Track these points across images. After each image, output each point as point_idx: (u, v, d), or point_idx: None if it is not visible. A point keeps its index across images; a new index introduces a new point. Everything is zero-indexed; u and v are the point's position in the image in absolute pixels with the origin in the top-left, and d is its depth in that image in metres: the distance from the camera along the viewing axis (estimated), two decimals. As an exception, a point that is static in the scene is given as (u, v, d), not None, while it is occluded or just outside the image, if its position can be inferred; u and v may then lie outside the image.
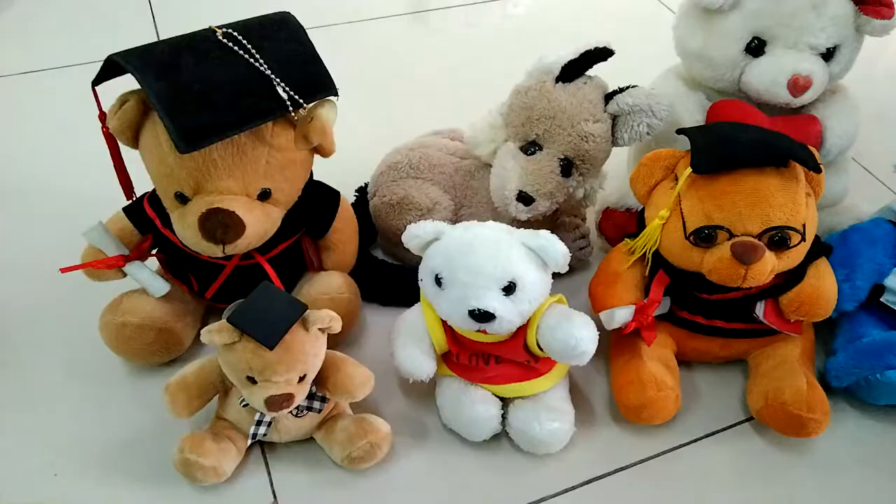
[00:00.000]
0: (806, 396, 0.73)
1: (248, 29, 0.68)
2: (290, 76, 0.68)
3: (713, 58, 0.84)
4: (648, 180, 0.76)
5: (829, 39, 0.81)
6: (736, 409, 0.81)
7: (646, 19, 1.50)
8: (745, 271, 0.68)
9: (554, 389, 0.75)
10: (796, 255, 0.72)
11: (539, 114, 0.80)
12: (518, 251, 0.67)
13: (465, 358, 0.73)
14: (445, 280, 0.67)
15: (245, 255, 0.76)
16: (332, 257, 0.82)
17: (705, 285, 0.73)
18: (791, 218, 0.69)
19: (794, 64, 0.80)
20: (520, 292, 0.67)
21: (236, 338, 0.63)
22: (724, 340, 0.80)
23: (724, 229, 0.69)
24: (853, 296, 0.79)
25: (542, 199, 0.81)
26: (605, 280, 0.79)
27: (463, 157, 0.90)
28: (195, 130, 0.62)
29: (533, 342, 0.70)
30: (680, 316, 0.79)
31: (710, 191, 0.70)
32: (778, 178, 0.69)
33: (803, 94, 0.81)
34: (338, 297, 0.78)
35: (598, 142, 0.81)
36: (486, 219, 0.87)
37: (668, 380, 0.74)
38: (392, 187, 0.88)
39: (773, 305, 0.76)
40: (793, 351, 0.78)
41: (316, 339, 0.65)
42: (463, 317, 0.67)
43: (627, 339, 0.79)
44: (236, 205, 0.67)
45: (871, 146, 1.17)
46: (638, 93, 0.80)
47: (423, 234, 0.70)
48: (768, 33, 0.81)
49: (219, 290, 0.79)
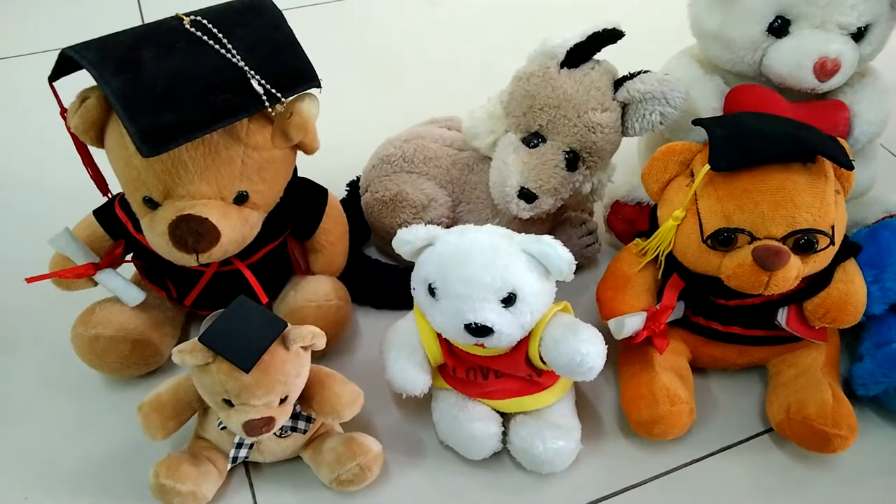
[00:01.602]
0: (831, 410, 0.67)
1: (219, 16, 0.61)
2: (267, 67, 0.61)
3: (732, 39, 0.77)
4: (662, 176, 0.70)
5: (860, 18, 0.74)
6: (754, 420, 0.76)
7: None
8: (768, 278, 0.62)
9: (558, 404, 0.70)
10: (824, 258, 0.65)
11: (542, 102, 0.74)
12: (518, 259, 0.61)
13: (461, 372, 0.67)
14: (439, 290, 0.62)
15: (225, 261, 0.70)
16: (320, 259, 0.77)
17: (723, 290, 0.67)
18: (819, 219, 0.63)
19: (821, 45, 0.73)
20: (520, 304, 0.61)
21: (210, 358, 0.58)
22: (742, 347, 0.74)
23: (746, 232, 0.63)
24: (883, 298, 0.73)
25: (545, 195, 0.75)
26: (613, 284, 0.73)
27: (461, 148, 0.84)
28: (159, 131, 0.56)
29: (535, 355, 0.65)
30: (694, 322, 0.74)
31: (730, 189, 0.64)
32: (805, 175, 0.63)
33: (831, 79, 0.74)
34: (325, 304, 0.72)
35: (606, 132, 0.74)
36: (485, 215, 0.82)
37: (682, 392, 0.69)
38: (385, 182, 0.82)
39: (796, 311, 0.70)
40: (816, 359, 0.73)
41: (298, 358, 0.60)
42: (458, 330, 0.61)
43: (638, 347, 0.73)
44: (210, 210, 0.62)
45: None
46: (650, 79, 0.73)
47: (415, 239, 0.64)
48: (793, 11, 0.74)
49: (198, 297, 0.73)
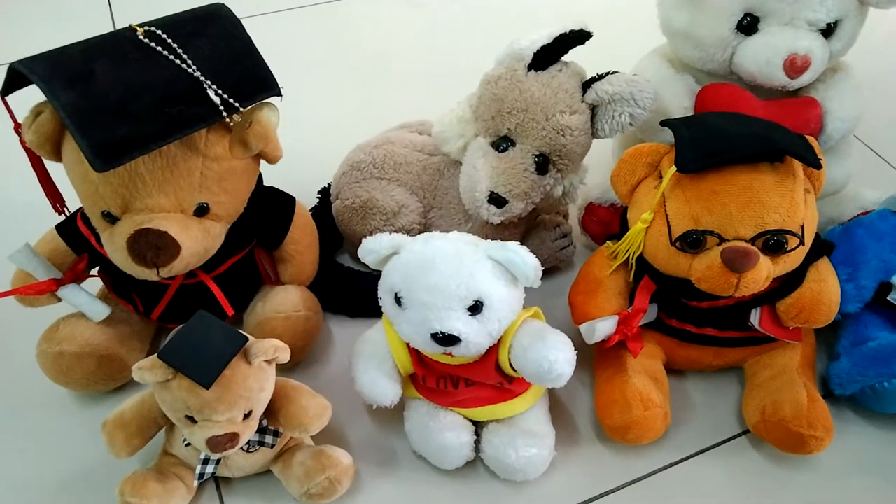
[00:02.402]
0: (806, 411, 0.67)
1: (175, 26, 0.60)
2: (224, 77, 0.60)
3: (701, 37, 0.76)
4: (630, 178, 0.69)
5: (829, 14, 0.73)
6: (731, 422, 0.75)
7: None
8: (738, 280, 0.62)
9: (531, 411, 0.69)
10: (795, 258, 0.65)
11: (510, 106, 0.73)
12: (484, 266, 0.60)
13: (432, 381, 0.66)
14: (405, 300, 0.61)
15: (190, 274, 0.69)
16: (289, 269, 0.75)
17: (695, 292, 0.66)
18: (788, 220, 0.62)
19: (790, 42, 0.72)
20: (487, 311, 0.60)
21: (170, 375, 0.57)
22: (717, 349, 0.73)
23: (714, 234, 0.62)
24: (858, 296, 0.72)
25: (515, 200, 0.74)
26: (585, 288, 0.73)
27: (432, 153, 0.83)
28: (112, 145, 0.55)
29: (506, 362, 0.64)
30: (668, 324, 0.73)
31: (698, 191, 0.63)
32: (773, 174, 0.62)
33: (801, 76, 0.73)
34: (294, 315, 0.71)
35: (575, 135, 0.73)
36: (457, 220, 0.82)
37: (655, 396, 0.68)
38: (355, 189, 0.81)
39: (769, 312, 0.69)
40: (792, 359, 0.72)
41: (261, 373, 0.59)
42: (425, 340, 0.60)
43: (612, 351, 0.72)
44: (169, 223, 0.61)
45: (877, 123, 1.09)
46: (618, 80, 0.72)
47: (379, 248, 0.63)
48: (762, 9, 0.73)
49: (165, 310, 0.72)
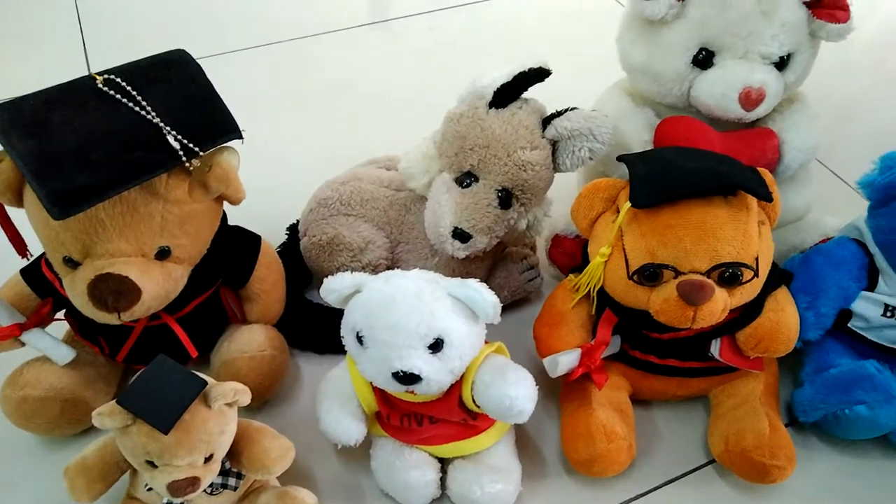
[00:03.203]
0: (768, 441, 0.67)
1: (135, 73, 0.61)
2: (184, 122, 0.61)
3: (659, 72, 0.78)
4: (589, 213, 0.70)
5: (781, 47, 0.75)
6: (699, 451, 0.75)
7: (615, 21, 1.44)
8: (694, 312, 0.62)
9: (497, 446, 0.69)
10: (751, 289, 0.66)
11: (472, 143, 0.74)
12: (444, 304, 0.61)
13: (396, 419, 0.67)
14: (366, 339, 0.61)
15: (154, 316, 0.69)
16: (255, 308, 0.76)
17: (655, 324, 0.67)
18: (742, 252, 0.63)
19: (744, 76, 0.74)
20: (448, 349, 0.61)
21: (129, 420, 0.57)
22: (681, 379, 0.74)
23: (670, 267, 0.63)
24: (818, 324, 0.73)
25: (479, 234, 0.75)
26: (549, 321, 0.73)
27: (399, 188, 0.84)
28: (70, 193, 0.55)
29: (469, 398, 0.64)
30: (632, 355, 0.74)
31: (653, 225, 0.64)
32: (726, 208, 0.63)
33: (757, 108, 0.75)
34: (258, 355, 0.72)
35: (537, 170, 0.74)
36: (424, 255, 0.82)
37: (619, 429, 0.69)
38: (322, 226, 0.81)
39: (729, 342, 0.70)
40: (755, 388, 0.73)
41: (221, 416, 0.59)
42: (387, 379, 0.61)
43: (578, 384, 0.73)
44: (130, 268, 0.61)
45: (843, 149, 1.11)
46: (577, 116, 0.73)
47: (341, 287, 0.63)
48: (716, 43, 0.75)
49: (131, 352, 0.72)
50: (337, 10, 1.47)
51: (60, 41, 1.36)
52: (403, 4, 1.52)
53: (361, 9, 1.51)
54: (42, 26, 1.40)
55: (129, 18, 1.42)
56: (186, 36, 1.37)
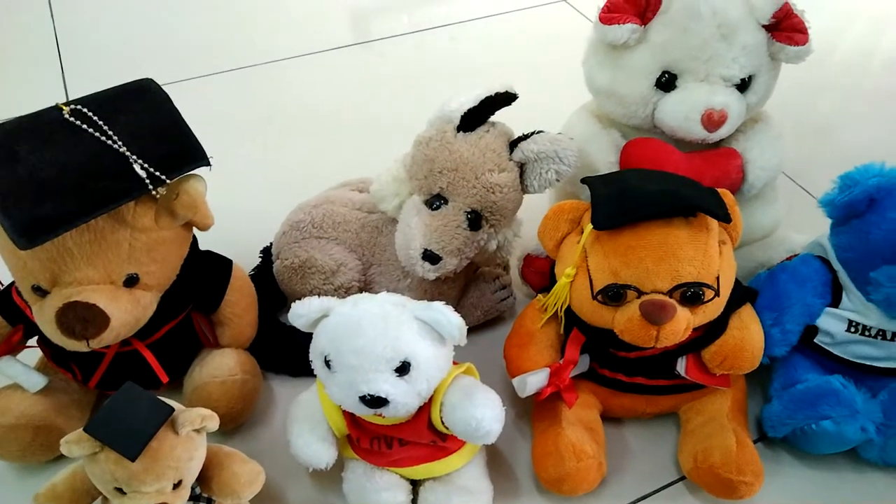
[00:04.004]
0: (735, 457, 0.68)
1: (101, 103, 0.62)
2: (150, 151, 0.62)
3: (623, 95, 0.79)
4: (555, 234, 0.71)
5: (742, 70, 0.77)
6: (669, 468, 0.76)
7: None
8: (657, 331, 0.63)
9: (468, 467, 0.70)
10: (713, 308, 0.67)
11: (441, 166, 0.75)
12: (410, 327, 0.62)
13: (366, 442, 0.67)
14: (334, 363, 0.62)
15: (125, 342, 0.70)
16: (227, 332, 0.76)
17: (621, 343, 0.68)
18: (702, 272, 0.64)
19: (706, 98, 0.75)
20: (415, 371, 0.61)
21: (97, 448, 0.57)
22: (650, 397, 0.75)
23: (633, 288, 0.64)
24: (784, 340, 0.74)
25: (449, 256, 0.75)
26: (518, 341, 0.74)
27: (371, 211, 0.85)
28: (36, 223, 0.56)
29: (438, 420, 0.65)
30: (601, 374, 0.74)
31: (616, 246, 0.65)
32: (686, 229, 0.64)
33: (719, 129, 0.76)
34: (230, 379, 0.72)
35: (505, 192, 0.76)
36: (397, 276, 0.83)
37: (589, 447, 0.69)
38: (294, 249, 0.82)
39: (695, 360, 0.71)
40: (722, 405, 0.74)
41: (189, 442, 0.59)
42: (355, 402, 0.61)
43: (548, 403, 0.74)
44: (97, 296, 0.62)
45: (815, 166, 1.13)
46: (542, 139, 0.75)
47: (308, 312, 0.64)
48: (678, 67, 0.77)
49: (103, 378, 0.73)
50: (318, 33, 1.48)
51: (39, 69, 1.37)
52: (385, 25, 1.54)
53: (343, 30, 1.52)
54: (21, 54, 1.41)
55: (108, 45, 1.43)
56: (168, 60, 1.38)
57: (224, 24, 1.51)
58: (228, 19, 1.53)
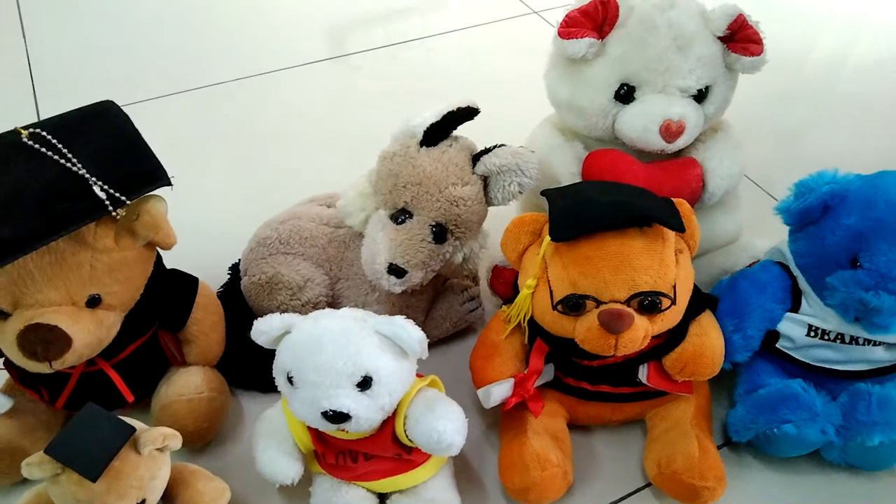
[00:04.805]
0: (698, 463, 0.69)
1: (60, 126, 0.63)
2: (110, 172, 0.62)
3: (583, 107, 0.80)
4: (516, 246, 0.72)
5: (699, 81, 0.78)
6: (636, 475, 0.77)
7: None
8: (616, 340, 0.64)
9: (434, 479, 0.70)
10: (671, 316, 0.68)
11: (405, 180, 0.76)
12: (370, 342, 0.62)
13: (331, 457, 0.68)
14: (296, 380, 0.62)
15: (90, 362, 0.70)
16: (194, 350, 0.77)
17: (584, 352, 0.69)
18: (658, 281, 0.65)
19: (664, 109, 0.77)
20: (377, 386, 0.62)
21: (58, 470, 0.57)
22: (615, 405, 0.76)
23: (591, 298, 0.65)
24: (745, 346, 0.75)
25: (414, 269, 0.76)
26: (483, 353, 0.75)
27: (338, 226, 0.85)
28: (-6, 247, 0.56)
29: (402, 433, 0.66)
30: (566, 383, 0.75)
31: (574, 257, 0.66)
32: (642, 239, 0.65)
33: (677, 140, 0.78)
34: (196, 397, 0.72)
35: (469, 205, 0.76)
36: (364, 290, 0.84)
37: (554, 456, 0.70)
38: (261, 265, 0.83)
39: (656, 367, 0.72)
40: (686, 411, 0.75)
41: (152, 461, 0.60)
42: (317, 418, 0.62)
43: (515, 413, 0.74)
44: (59, 317, 0.62)
45: (783, 173, 1.14)
46: (504, 152, 0.76)
47: (270, 329, 0.65)
48: (636, 79, 0.78)
49: (70, 399, 0.73)
50: (292, 47, 1.49)
51: (11, 90, 1.36)
52: (360, 39, 1.55)
53: (318, 45, 1.53)
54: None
55: (81, 65, 1.43)
56: (142, 78, 1.39)
57: (198, 42, 1.52)
58: (203, 37, 1.54)
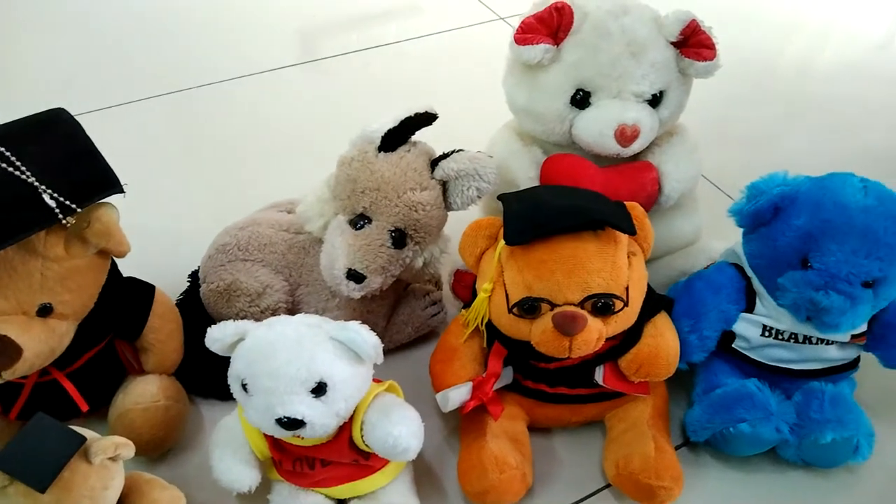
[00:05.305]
0: (654, 463, 0.70)
1: (9, 135, 0.62)
2: (60, 180, 0.62)
3: (540, 113, 0.81)
4: (474, 250, 0.73)
5: (652, 86, 0.79)
6: (596, 476, 0.77)
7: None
8: (570, 342, 0.65)
9: (394, 484, 0.70)
10: (624, 318, 0.69)
11: (363, 186, 0.76)
12: (325, 347, 0.62)
13: (288, 464, 0.67)
14: (250, 386, 0.62)
15: (44, 371, 0.69)
16: (151, 359, 0.76)
17: (540, 354, 0.69)
18: (611, 283, 0.66)
19: (618, 114, 0.78)
20: (332, 392, 0.62)
21: (6, 481, 0.56)
22: (573, 406, 0.76)
23: (546, 301, 0.66)
24: (701, 347, 0.76)
25: (373, 275, 0.76)
26: (442, 357, 0.75)
27: (298, 232, 0.85)
28: (-60, 257, 0.56)
29: (359, 439, 0.66)
30: (525, 385, 0.76)
31: (528, 260, 0.67)
32: (595, 242, 0.66)
33: (632, 144, 0.79)
34: (152, 405, 0.72)
35: (428, 210, 0.77)
36: (325, 296, 0.83)
37: (512, 459, 0.70)
38: (220, 272, 0.82)
39: (612, 368, 0.73)
40: (643, 412, 0.75)
41: (104, 471, 0.59)
42: (272, 425, 0.62)
43: (475, 416, 0.75)
44: (9, 327, 0.61)
45: (746, 175, 1.15)
46: (461, 157, 0.76)
47: (223, 336, 0.64)
48: (591, 84, 0.79)
49: (23, 409, 0.72)
50: (264, 52, 1.48)
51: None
52: (333, 44, 1.54)
53: (290, 50, 1.52)
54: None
55: (43, 72, 1.42)
56: (107, 84, 1.37)
57: (167, 47, 1.51)
58: (171, 41, 1.53)
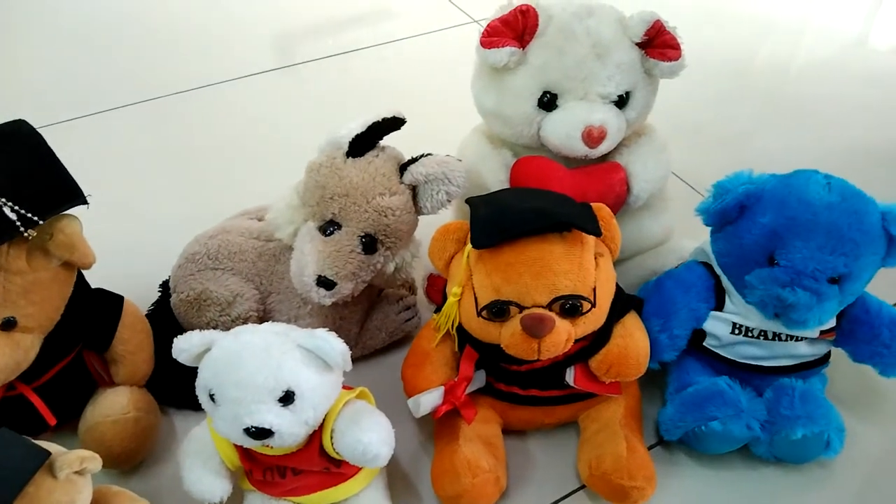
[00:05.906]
0: (626, 463, 0.70)
1: (-33, 147, 0.61)
2: (22, 193, 0.61)
3: (508, 116, 0.81)
4: (443, 254, 0.73)
5: (618, 87, 0.79)
6: (570, 477, 0.77)
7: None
8: (538, 344, 0.65)
9: (366, 491, 0.70)
10: (593, 319, 0.69)
11: (332, 192, 0.76)
12: (292, 356, 0.62)
13: (259, 473, 0.67)
14: (217, 396, 0.62)
15: (10, 385, 0.68)
16: (121, 370, 0.75)
17: (511, 357, 0.69)
18: (578, 285, 0.66)
19: (585, 116, 0.78)
20: (300, 401, 0.61)
21: (-32, 498, 0.56)
22: (546, 408, 0.76)
23: (514, 303, 0.66)
24: (672, 345, 0.77)
25: (343, 281, 0.76)
26: (414, 361, 0.75)
27: (268, 239, 0.85)
28: None
29: (329, 447, 0.65)
30: (498, 388, 0.76)
31: (496, 263, 0.67)
32: (561, 244, 0.66)
33: (600, 145, 0.79)
34: (122, 418, 0.71)
35: (398, 215, 0.77)
36: (296, 303, 0.83)
37: (485, 462, 0.70)
38: (190, 282, 0.82)
39: (583, 369, 0.73)
40: (616, 412, 0.76)
41: (70, 485, 0.58)
42: (240, 435, 0.61)
43: (449, 420, 0.75)
44: (-29, 342, 0.60)
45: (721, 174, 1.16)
46: (430, 161, 0.76)
47: (190, 346, 0.64)
48: (557, 86, 0.79)
49: (-10, 425, 0.71)
50: (239, 58, 1.47)
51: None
52: (309, 49, 1.54)
53: (265, 55, 1.52)
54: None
55: (14, 77, 1.40)
56: (77, 93, 1.36)
57: (141, 54, 1.50)
58: (146, 48, 1.52)
